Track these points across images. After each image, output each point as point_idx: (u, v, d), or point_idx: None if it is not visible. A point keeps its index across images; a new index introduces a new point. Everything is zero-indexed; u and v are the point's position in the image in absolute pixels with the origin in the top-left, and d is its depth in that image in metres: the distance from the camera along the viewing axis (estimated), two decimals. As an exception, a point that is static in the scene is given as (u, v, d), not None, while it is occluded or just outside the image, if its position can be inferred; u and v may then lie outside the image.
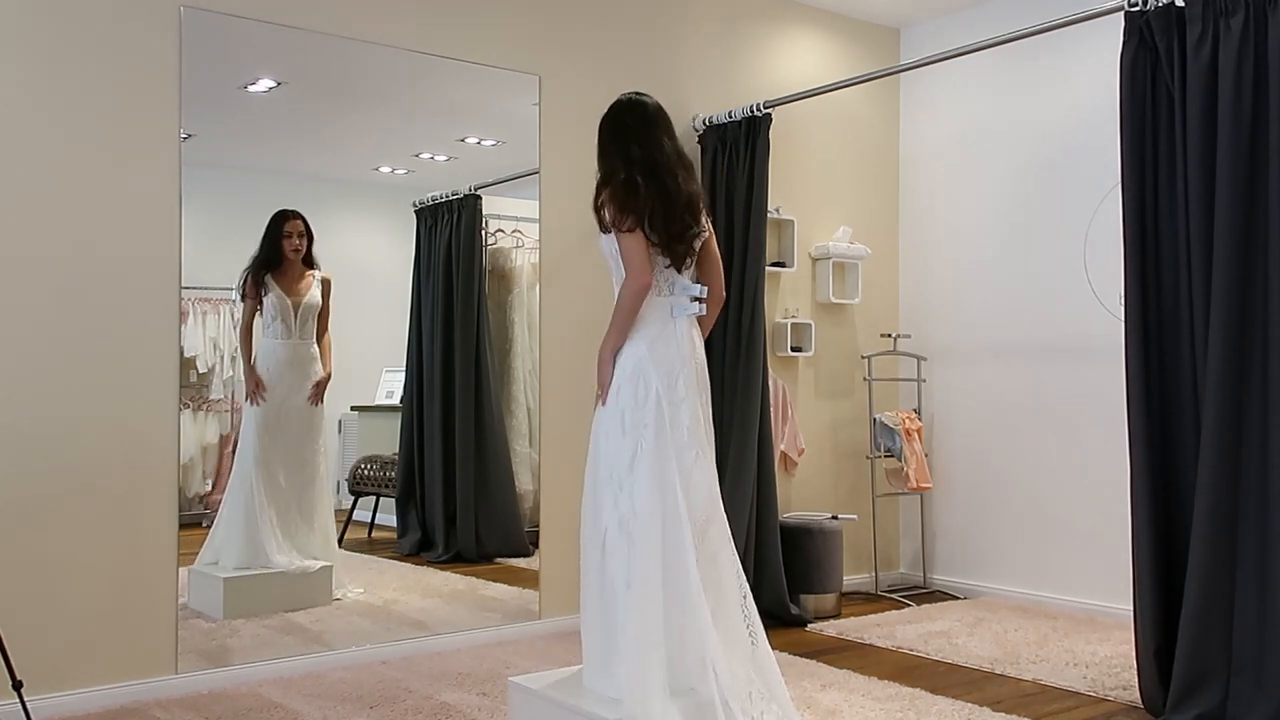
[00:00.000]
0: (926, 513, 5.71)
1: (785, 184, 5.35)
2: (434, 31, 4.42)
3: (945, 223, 5.70)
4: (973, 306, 5.55)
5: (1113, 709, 3.65)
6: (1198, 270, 3.40)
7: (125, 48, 3.74)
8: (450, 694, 3.73)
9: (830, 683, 3.86)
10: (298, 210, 4.38)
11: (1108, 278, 4.72)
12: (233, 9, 3.94)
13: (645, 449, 3.00)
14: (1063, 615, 4.93)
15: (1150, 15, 3.50)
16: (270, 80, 4.30)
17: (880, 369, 5.70)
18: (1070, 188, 5.12)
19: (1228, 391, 3.29)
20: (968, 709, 3.57)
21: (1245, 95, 3.29)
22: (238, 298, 4.36)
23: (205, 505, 4.30)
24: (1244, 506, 3.30)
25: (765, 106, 4.91)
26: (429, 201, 4.85)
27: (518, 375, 4.93)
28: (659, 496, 2.98)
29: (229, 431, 4.36)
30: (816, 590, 5.02)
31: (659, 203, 3.07)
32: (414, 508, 4.87)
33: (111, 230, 3.71)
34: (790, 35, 5.51)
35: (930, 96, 5.78)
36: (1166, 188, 3.51)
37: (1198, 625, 3.33)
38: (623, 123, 3.19)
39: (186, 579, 3.96)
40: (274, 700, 3.67)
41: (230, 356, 4.37)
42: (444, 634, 4.38)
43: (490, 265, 5.00)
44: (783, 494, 5.20)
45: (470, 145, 4.97)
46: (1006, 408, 5.39)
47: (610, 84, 4.70)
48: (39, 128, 3.60)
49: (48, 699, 3.49)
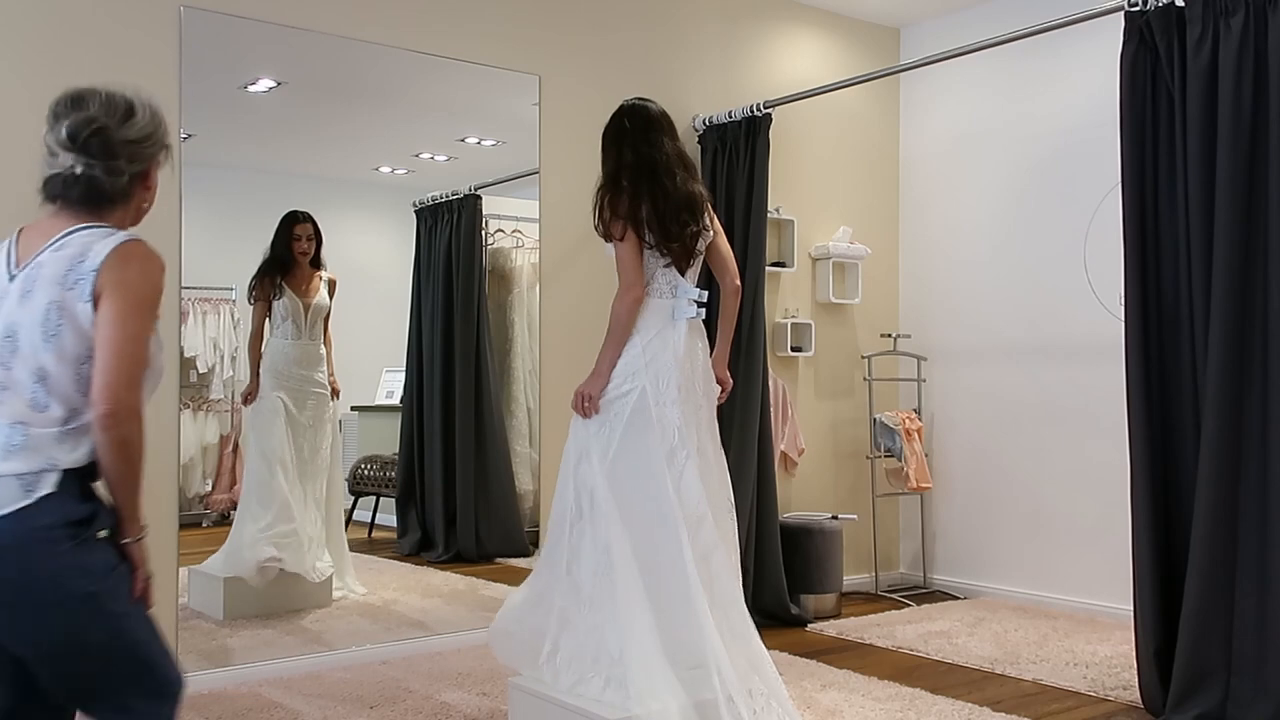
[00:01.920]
0: (926, 513, 5.71)
1: (785, 184, 5.35)
2: (434, 31, 4.42)
3: (945, 223, 5.70)
4: (973, 306, 5.55)
5: (1113, 709, 3.65)
6: (1198, 270, 3.40)
7: (125, 48, 3.74)
8: (450, 694, 3.73)
9: (830, 683, 3.86)
10: (307, 212, 4.39)
11: (1108, 278, 4.71)
12: (233, 9, 3.94)
13: (616, 441, 3.04)
14: (1063, 615, 4.93)
15: (1150, 15, 3.50)
16: (270, 80, 4.30)
17: (880, 369, 5.70)
18: (1070, 187, 5.12)
19: (1228, 391, 3.29)
20: (968, 709, 3.57)
21: (1245, 95, 3.29)
22: (249, 301, 4.36)
23: (205, 505, 4.30)
24: (1244, 506, 3.30)
25: (765, 106, 4.91)
26: (429, 201, 4.85)
27: (518, 375, 4.93)
28: (631, 490, 3.01)
29: (229, 431, 4.36)
30: (816, 590, 5.01)
31: (654, 201, 3.08)
32: (414, 508, 4.87)
33: (111, 230, 3.71)
34: (790, 35, 5.51)
35: (930, 96, 5.78)
36: (1166, 188, 3.51)
37: (1198, 625, 3.33)
38: (622, 126, 3.21)
39: (186, 579, 3.96)
40: (274, 700, 3.67)
41: (230, 356, 4.37)
42: (444, 634, 4.38)
43: (490, 265, 5.00)
44: (783, 494, 5.20)
45: (470, 145, 4.97)
46: (1006, 408, 5.39)
47: (610, 84, 4.70)
48: (39, 128, 3.59)
49: (48, 699, 3.49)
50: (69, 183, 1.90)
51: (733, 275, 3.29)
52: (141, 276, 1.85)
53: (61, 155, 1.88)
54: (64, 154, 1.88)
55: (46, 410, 1.79)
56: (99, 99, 1.94)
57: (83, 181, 1.89)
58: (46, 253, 1.86)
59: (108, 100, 1.94)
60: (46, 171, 1.91)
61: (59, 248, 1.86)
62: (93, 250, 1.84)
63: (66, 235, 1.88)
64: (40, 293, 1.82)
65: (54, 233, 1.90)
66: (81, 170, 1.88)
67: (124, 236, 1.88)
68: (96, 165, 1.88)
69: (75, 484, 1.80)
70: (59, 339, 1.80)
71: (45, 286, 1.82)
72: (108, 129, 1.90)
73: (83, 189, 1.90)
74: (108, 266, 1.82)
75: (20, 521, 1.71)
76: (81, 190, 1.90)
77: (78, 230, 1.89)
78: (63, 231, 1.88)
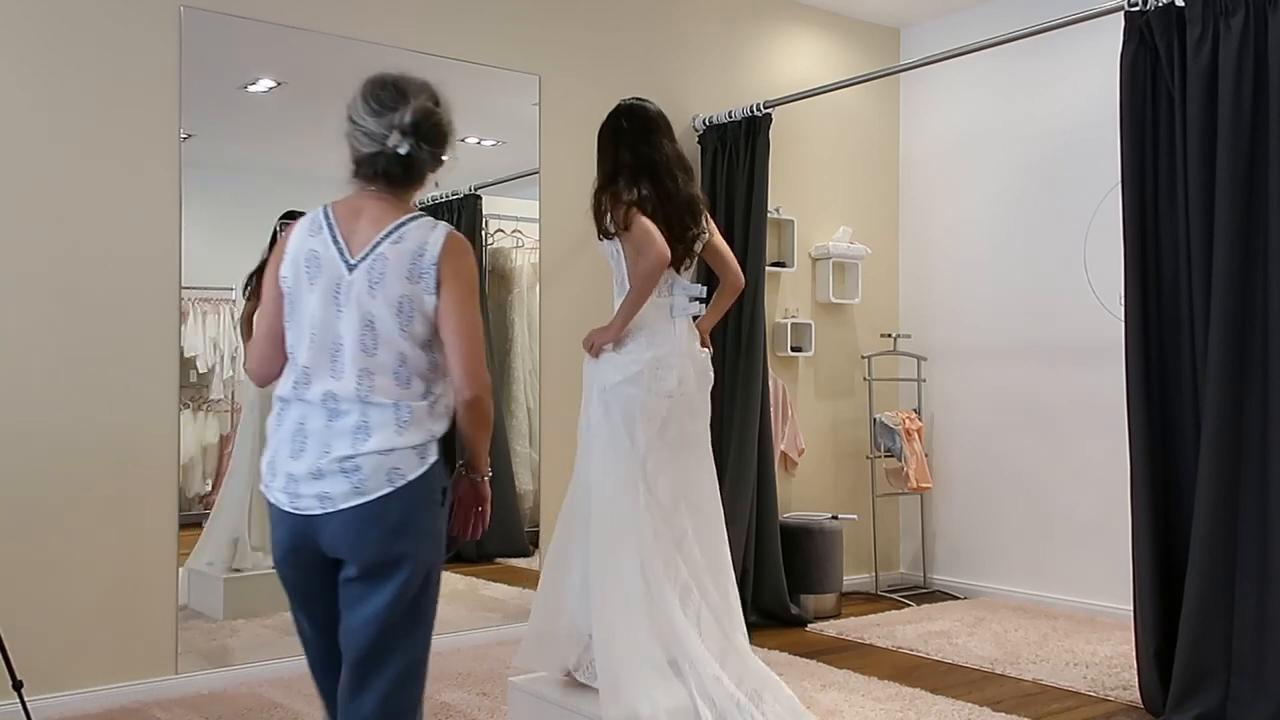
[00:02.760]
0: (926, 513, 5.71)
1: (785, 184, 5.35)
2: (434, 31, 4.42)
3: (945, 223, 5.70)
4: (973, 306, 5.55)
5: (1113, 709, 3.65)
6: (1198, 270, 3.40)
7: (125, 48, 3.74)
8: (450, 694, 3.73)
9: (830, 683, 3.86)
10: (305, 212, 4.38)
11: (1108, 278, 4.71)
12: (233, 9, 3.94)
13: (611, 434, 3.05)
14: (1063, 615, 4.92)
15: (1150, 15, 3.50)
16: (270, 80, 4.30)
17: (880, 369, 5.70)
18: (1070, 188, 5.11)
19: (1228, 391, 3.29)
20: (968, 709, 3.57)
21: (1245, 95, 3.29)
22: (242, 298, 4.35)
23: (205, 505, 4.30)
24: (1244, 506, 3.30)
25: (765, 106, 4.91)
26: (429, 201, 4.84)
27: (518, 375, 4.93)
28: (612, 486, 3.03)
29: (229, 431, 4.36)
30: (816, 590, 5.01)
31: (659, 203, 3.08)
32: (414, 508, 4.87)
33: (111, 230, 3.71)
34: (790, 35, 5.51)
35: (930, 96, 5.78)
36: (1166, 188, 3.51)
37: (1198, 625, 3.33)
38: (620, 126, 3.20)
39: (186, 579, 3.96)
40: (274, 700, 3.67)
41: (230, 356, 4.37)
42: (444, 634, 4.36)
43: (490, 265, 5.00)
44: (783, 494, 5.20)
45: (470, 145, 4.97)
46: (1006, 408, 5.38)
47: (610, 84, 4.70)
48: (39, 127, 3.60)
49: (48, 699, 3.49)
50: (393, 162, 2.05)
51: (735, 273, 3.30)
52: (470, 266, 2.08)
53: (392, 137, 2.02)
54: (395, 136, 2.02)
55: (411, 387, 2.02)
56: (425, 90, 2.11)
57: (407, 163, 2.05)
58: (386, 245, 2.02)
59: (432, 92, 2.13)
60: (364, 150, 2.05)
61: (397, 240, 2.02)
62: (429, 244, 2.03)
63: (400, 227, 2.04)
64: (390, 285, 2.00)
65: (380, 219, 2.05)
66: (408, 152, 2.03)
67: (446, 228, 2.08)
68: (425, 150, 2.05)
69: (442, 450, 2.06)
70: (412, 327, 2.01)
71: (394, 280, 2.00)
72: (442, 119, 2.09)
73: (404, 170, 2.06)
74: (445, 260, 2.02)
75: (420, 487, 1.98)
76: (402, 171, 2.06)
77: (408, 222, 2.05)
78: (394, 223, 2.04)
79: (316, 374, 2.00)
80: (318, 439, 1.97)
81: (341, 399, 1.98)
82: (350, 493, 1.93)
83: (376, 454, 1.95)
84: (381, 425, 1.97)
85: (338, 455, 1.94)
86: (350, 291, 2.01)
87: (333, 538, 1.97)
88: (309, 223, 2.09)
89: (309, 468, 1.95)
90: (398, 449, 1.96)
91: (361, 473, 1.94)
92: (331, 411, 1.98)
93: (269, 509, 2.04)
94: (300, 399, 2.00)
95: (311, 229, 2.07)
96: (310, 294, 2.02)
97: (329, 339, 2.00)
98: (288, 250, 2.07)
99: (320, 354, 2.00)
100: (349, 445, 1.95)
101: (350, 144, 2.08)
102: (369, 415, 1.97)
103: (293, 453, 1.98)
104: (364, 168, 2.07)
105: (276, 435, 2.02)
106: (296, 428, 1.99)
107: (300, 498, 1.96)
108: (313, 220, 2.08)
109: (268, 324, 2.07)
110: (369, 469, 1.94)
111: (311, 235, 2.06)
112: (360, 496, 1.93)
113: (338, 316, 2.00)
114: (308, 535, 1.98)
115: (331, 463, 1.94)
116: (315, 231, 2.06)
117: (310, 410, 1.99)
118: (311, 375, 2.00)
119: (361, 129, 2.05)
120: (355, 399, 1.98)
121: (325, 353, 2.00)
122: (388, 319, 2.00)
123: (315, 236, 2.06)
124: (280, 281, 2.06)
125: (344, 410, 1.98)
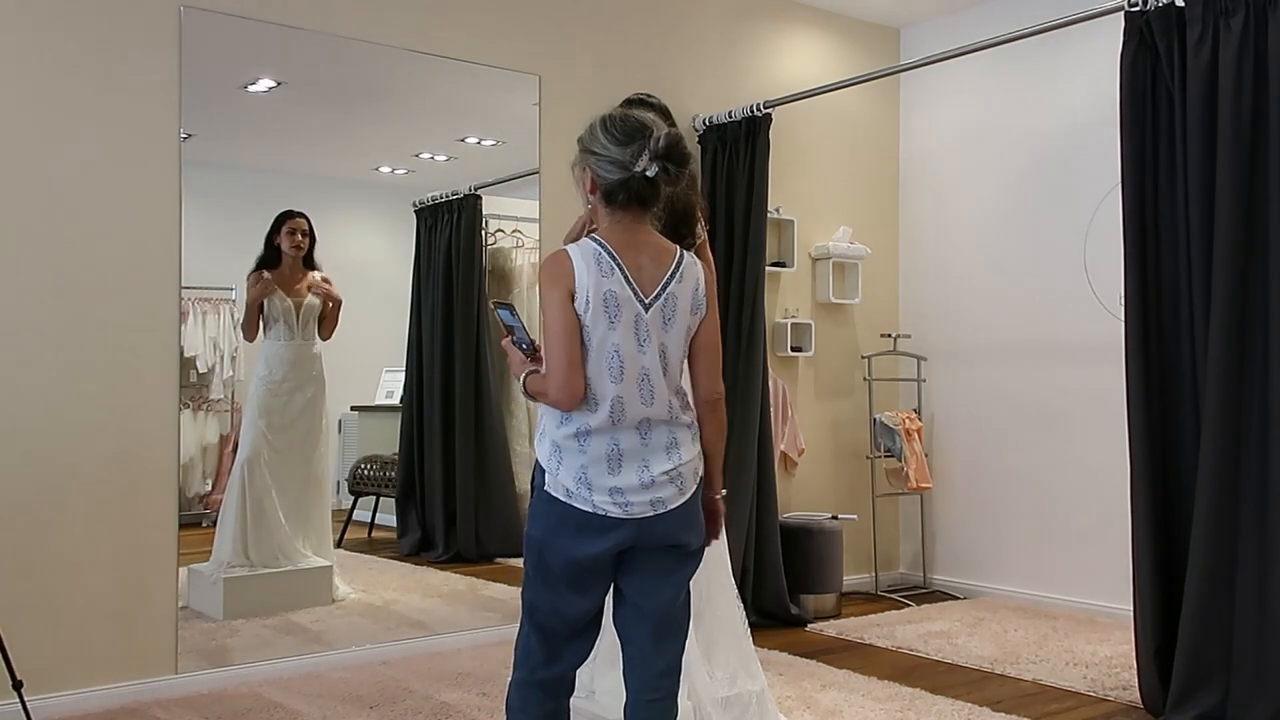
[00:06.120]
0: (926, 513, 5.71)
1: (785, 184, 5.35)
2: (434, 31, 4.42)
3: (945, 223, 5.70)
4: (973, 306, 5.55)
5: (1113, 709, 3.65)
6: (1198, 270, 3.40)
7: (125, 47, 3.74)
8: (450, 694, 3.73)
9: (830, 683, 3.86)
10: (301, 210, 4.38)
11: (1108, 278, 4.71)
12: (233, 9, 3.94)
13: None
14: (1063, 615, 4.93)
15: (1150, 15, 3.50)
16: (270, 80, 4.30)
17: (880, 369, 5.70)
18: (1070, 188, 5.12)
19: (1228, 391, 3.29)
20: (968, 709, 3.57)
21: (1245, 95, 3.29)
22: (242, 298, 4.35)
23: (205, 505, 4.30)
24: (1244, 506, 3.29)
25: (765, 106, 4.91)
26: (429, 201, 4.85)
27: (518, 375, 4.93)
28: None
29: (229, 431, 4.36)
30: (816, 590, 5.01)
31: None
32: (414, 508, 4.87)
33: (111, 230, 3.71)
34: (790, 35, 5.51)
35: (930, 96, 5.78)
36: (1166, 188, 3.51)
37: (1198, 625, 3.33)
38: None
39: (186, 579, 3.96)
40: (274, 700, 3.67)
41: (230, 356, 4.37)
42: (444, 634, 4.38)
43: (490, 265, 5.00)
44: (783, 494, 5.20)
45: (470, 145, 4.97)
46: (1006, 408, 5.39)
47: (610, 84, 4.70)
48: (38, 127, 3.60)
49: (48, 699, 3.49)
50: (648, 185, 2.24)
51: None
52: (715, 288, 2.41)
53: (640, 162, 2.20)
54: (644, 160, 2.20)
55: (689, 403, 2.35)
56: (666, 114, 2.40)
57: (655, 185, 2.25)
58: (673, 285, 2.28)
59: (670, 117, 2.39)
60: (612, 178, 2.23)
61: (679, 279, 2.29)
62: (699, 279, 2.32)
63: (678, 267, 2.30)
64: (680, 320, 2.29)
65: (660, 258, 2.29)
66: (656, 174, 2.21)
67: (695, 258, 2.35)
68: (672, 172, 2.24)
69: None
70: (687, 350, 2.33)
71: (681, 315, 2.29)
72: (685, 142, 2.27)
73: (653, 191, 2.26)
74: (709, 289, 2.34)
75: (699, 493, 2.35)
76: (653, 193, 2.26)
77: (683, 260, 2.31)
78: (674, 263, 2.29)
79: (629, 402, 2.24)
80: (634, 456, 2.25)
81: (655, 421, 2.27)
82: (676, 495, 2.28)
83: (687, 463, 2.30)
84: (685, 440, 2.31)
85: (663, 469, 2.26)
86: (649, 327, 2.26)
87: (662, 533, 2.29)
88: (594, 260, 2.22)
89: (637, 481, 2.24)
90: (695, 456, 2.33)
91: (683, 479, 2.29)
92: (644, 433, 2.27)
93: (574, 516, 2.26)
94: (615, 426, 2.24)
95: (602, 269, 2.22)
96: (612, 332, 2.23)
97: (637, 370, 2.24)
98: (579, 286, 2.22)
99: (631, 384, 2.24)
100: (667, 460, 2.27)
101: (593, 175, 2.26)
102: (676, 433, 2.29)
103: (610, 470, 2.24)
104: (617, 194, 2.25)
105: (584, 456, 2.25)
106: (610, 450, 2.24)
107: (632, 505, 2.24)
108: (597, 259, 2.22)
109: (568, 356, 2.22)
110: (686, 476, 2.30)
111: (604, 276, 2.22)
112: (683, 497, 2.29)
113: (640, 351, 2.24)
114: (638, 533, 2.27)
115: (660, 475, 2.25)
116: (608, 273, 2.22)
117: (623, 434, 2.25)
118: (625, 404, 2.24)
119: (606, 158, 2.23)
120: (666, 420, 2.27)
121: (634, 383, 2.24)
122: (676, 348, 2.29)
123: (609, 278, 2.22)
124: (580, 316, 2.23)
125: (656, 431, 2.27)
